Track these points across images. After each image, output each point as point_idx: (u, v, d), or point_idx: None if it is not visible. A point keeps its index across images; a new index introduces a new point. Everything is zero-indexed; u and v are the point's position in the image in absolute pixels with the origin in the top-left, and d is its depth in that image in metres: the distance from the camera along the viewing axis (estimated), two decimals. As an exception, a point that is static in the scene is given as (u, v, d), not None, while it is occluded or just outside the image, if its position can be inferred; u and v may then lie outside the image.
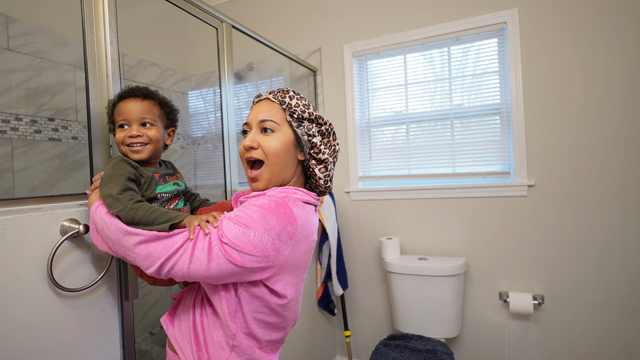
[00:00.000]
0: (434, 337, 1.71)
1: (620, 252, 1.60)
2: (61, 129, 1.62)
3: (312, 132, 0.79)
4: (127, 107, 0.83)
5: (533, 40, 1.71)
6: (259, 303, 0.74)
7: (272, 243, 0.68)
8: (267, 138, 0.78)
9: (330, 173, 0.83)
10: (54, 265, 0.77)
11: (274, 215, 0.69)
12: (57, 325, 0.77)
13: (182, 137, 2.33)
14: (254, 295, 0.73)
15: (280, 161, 0.78)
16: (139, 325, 1.80)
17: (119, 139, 0.83)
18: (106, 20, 0.88)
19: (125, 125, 0.83)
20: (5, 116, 1.43)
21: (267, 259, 0.68)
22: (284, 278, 0.74)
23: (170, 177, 0.91)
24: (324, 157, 0.81)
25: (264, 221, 0.68)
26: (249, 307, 0.73)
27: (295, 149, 0.80)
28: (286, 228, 0.69)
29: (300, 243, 0.73)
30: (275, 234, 0.68)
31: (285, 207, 0.71)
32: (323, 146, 0.80)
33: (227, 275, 0.68)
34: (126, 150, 0.83)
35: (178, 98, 2.31)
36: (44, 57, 1.55)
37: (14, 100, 1.46)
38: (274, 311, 0.76)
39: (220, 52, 1.39)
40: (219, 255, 0.66)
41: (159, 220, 0.72)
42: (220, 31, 1.39)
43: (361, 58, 2.09)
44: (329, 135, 0.82)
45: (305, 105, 0.80)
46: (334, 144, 0.83)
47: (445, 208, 1.90)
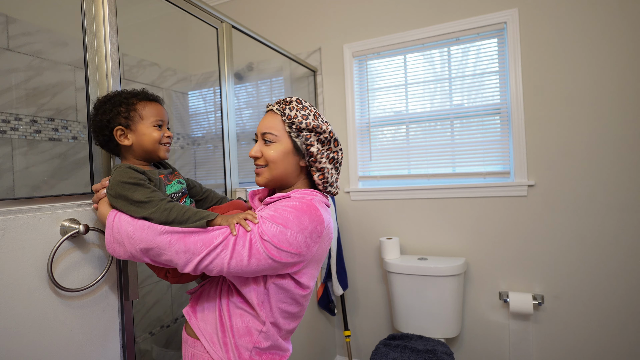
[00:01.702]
0: (434, 337, 1.71)
1: (620, 252, 1.60)
2: (61, 129, 1.62)
3: (309, 141, 0.84)
4: (161, 110, 0.89)
5: (533, 40, 1.71)
6: (284, 294, 0.83)
7: (304, 241, 0.76)
8: (268, 148, 0.86)
9: (330, 179, 0.88)
10: (54, 265, 0.77)
11: (307, 216, 0.77)
12: (57, 325, 0.77)
13: (182, 137, 2.33)
14: (281, 287, 0.81)
15: (279, 167, 0.86)
16: (139, 325, 1.80)
17: (156, 137, 0.86)
18: (106, 20, 0.88)
19: (161, 125, 0.88)
20: (5, 116, 1.43)
21: (300, 255, 0.77)
22: (309, 271, 0.84)
23: (172, 175, 0.93)
24: (320, 166, 0.86)
25: (299, 221, 0.76)
26: (275, 298, 0.82)
27: (295, 156, 0.87)
28: (317, 227, 0.78)
29: (325, 240, 0.82)
30: (308, 233, 0.77)
31: (315, 208, 0.79)
32: (320, 155, 0.85)
33: (264, 270, 0.76)
34: (160, 149, 0.88)
35: (178, 98, 2.31)
36: (44, 57, 1.55)
37: (14, 100, 1.46)
38: (296, 302, 0.85)
39: (220, 52, 1.39)
40: (260, 251, 0.73)
41: (194, 218, 0.75)
42: (220, 31, 1.39)
43: (361, 58, 2.09)
44: (329, 143, 0.86)
45: (304, 116, 0.85)
46: (335, 151, 0.88)
47: (445, 208, 1.90)
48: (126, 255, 0.76)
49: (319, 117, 0.88)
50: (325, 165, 0.86)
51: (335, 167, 0.89)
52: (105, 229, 0.76)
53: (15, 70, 1.45)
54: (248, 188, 1.42)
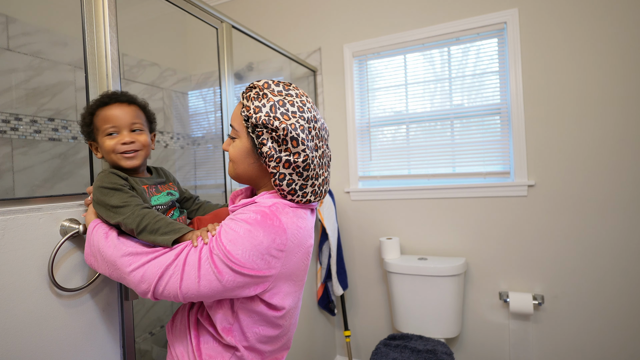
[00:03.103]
0: (434, 337, 1.71)
1: (620, 252, 1.60)
2: (61, 129, 1.62)
3: (262, 139, 0.70)
4: (115, 113, 0.79)
5: (533, 40, 1.71)
6: (257, 317, 0.72)
7: (261, 258, 0.65)
8: (232, 144, 0.77)
9: (289, 186, 0.71)
10: (55, 265, 0.77)
11: (261, 228, 0.65)
12: (57, 325, 0.77)
13: (182, 137, 2.33)
14: (251, 310, 0.71)
15: (240, 167, 0.76)
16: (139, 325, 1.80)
17: (108, 147, 0.78)
18: (106, 20, 0.88)
19: (115, 132, 0.79)
20: (5, 116, 1.43)
21: (257, 277, 0.66)
22: (281, 290, 0.71)
23: (163, 185, 0.89)
24: (273, 170, 0.70)
25: (251, 237, 0.64)
26: (247, 321, 0.72)
27: (254, 156, 0.74)
28: (275, 240, 0.66)
29: (294, 252, 0.70)
30: (263, 249, 0.65)
31: (272, 218, 0.67)
32: (269, 158, 0.70)
33: (218, 294, 0.65)
34: (118, 158, 0.80)
35: (178, 98, 2.31)
36: (44, 57, 1.55)
37: (14, 100, 1.46)
38: (272, 324, 0.74)
39: (220, 52, 1.39)
40: (209, 272, 0.64)
41: (164, 229, 0.69)
42: (220, 31, 1.39)
43: (361, 58, 2.09)
44: (285, 142, 0.68)
45: (257, 108, 0.70)
46: (295, 152, 0.69)
47: (445, 208, 1.90)
48: (101, 271, 0.72)
49: (279, 108, 0.70)
50: (278, 170, 0.70)
51: (296, 172, 0.71)
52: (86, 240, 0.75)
53: (15, 70, 1.45)
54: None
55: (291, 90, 0.75)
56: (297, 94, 0.75)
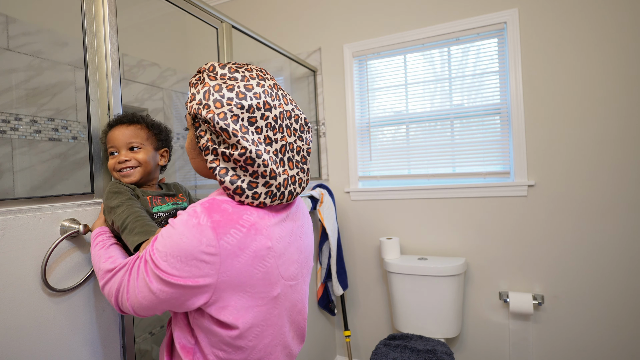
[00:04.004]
0: (434, 337, 1.71)
1: (620, 252, 1.60)
2: (61, 129, 1.61)
3: (199, 130, 0.63)
4: (114, 135, 0.86)
5: (533, 40, 1.71)
6: (214, 338, 0.62)
7: (188, 264, 0.56)
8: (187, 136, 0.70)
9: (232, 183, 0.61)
10: (53, 265, 0.77)
11: (186, 229, 0.57)
12: (57, 325, 0.77)
13: (182, 137, 2.32)
14: (205, 329, 0.61)
15: (192, 162, 0.72)
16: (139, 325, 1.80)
17: (110, 166, 0.87)
18: (106, 20, 0.88)
19: (115, 152, 0.86)
20: (5, 116, 1.43)
21: (189, 285, 0.56)
22: (228, 303, 0.59)
23: (170, 197, 0.92)
24: (210, 165, 0.62)
25: (175, 239, 0.57)
26: (205, 342, 0.62)
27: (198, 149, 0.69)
28: (201, 242, 0.56)
29: (232, 256, 0.58)
30: (188, 253, 0.56)
31: (199, 216, 0.58)
32: (205, 150, 0.62)
33: (157, 305, 0.59)
34: (118, 176, 0.87)
35: (178, 98, 2.31)
36: (44, 57, 1.55)
37: (14, 100, 1.46)
38: (231, 346, 0.62)
39: (220, 52, 1.39)
40: (143, 283, 0.58)
41: (137, 230, 0.71)
42: (220, 31, 1.39)
43: (361, 58, 2.09)
44: (218, 134, 0.61)
45: (192, 95, 0.63)
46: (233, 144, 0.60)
47: (445, 208, 1.90)
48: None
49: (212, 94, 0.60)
50: (216, 164, 0.62)
51: (239, 166, 0.61)
52: None
53: (15, 70, 1.45)
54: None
55: (239, 73, 0.64)
56: (246, 77, 0.63)
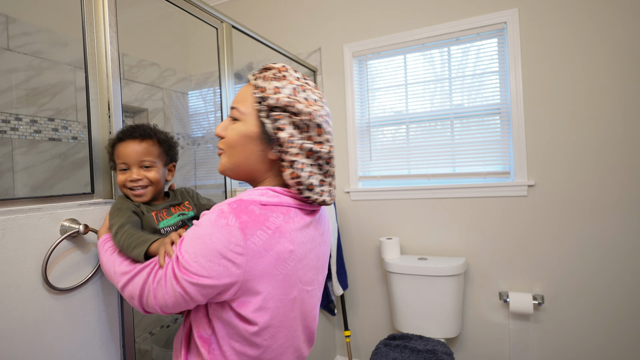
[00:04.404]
0: (434, 337, 1.71)
1: (620, 252, 1.60)
2: (61, 129, 1.62)
3: (280, 124, 0.63)
4: (126, 151, 0.82)
5: (533, 40, 1.71)
6: (232, 331, 0.63)
7: (217, 263, 0.58)
8: (231, 127, 0.68)
9: (306, 180, 0.64)
10: (53, 265, 0.77)
11: (215, 229, 0.58)
12: (57, 325, 0.77)
13: (182, 137, 2.33)
14: (225, 320, 0.63)
15: (236, 154, 0.68)
16: (139, 325, 1.80)
17: (120, 181, 0.84)
18: (106, 20, 0.88)
19: (126, 168, 0.83)
20: (5, 116, 1.43)
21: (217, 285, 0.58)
22: (250, 301, 0.61)
23: (176, 207, 0.90)
24: (291, 158, 0.63)
25: (204, 240, 0.58)
26: (223, 333, 0.63)
27: (261, 144, 0.67)
28: (230, 242, 0.58)
29: (258, 257, 0.60)
30: (217, 253, 0.57)
31: (227, 216, 0.59)
32: (289, 144, 0.63)
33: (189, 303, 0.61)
34: (128, 193, 0.84)
35: (178, 98, 2.31)
36: (44, 57, 1.55)
37: (14, 100, 1.46)
38: (248, 342, 0.63)
39: (220, 52, 1.39)
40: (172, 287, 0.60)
41: (134, 243, 0.71)
42: (220, 31, 1.39)
43: (361, 58, 2.09)
44: (307, 128, 0.63)
45: (276, 89, 0.63)
46: (318, 141, 0.64)
47: (445, 208, 1.90)
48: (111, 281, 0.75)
49: (300, 92, 0.64)
50: (298, 158, 0.63)
51: (317, 163, 0.65)
52: None
53: (15, 70, 1.45)
54: (248, 188, 1.42)
55: (309, 81, 0.69)
56: (315, 87, 0.70)
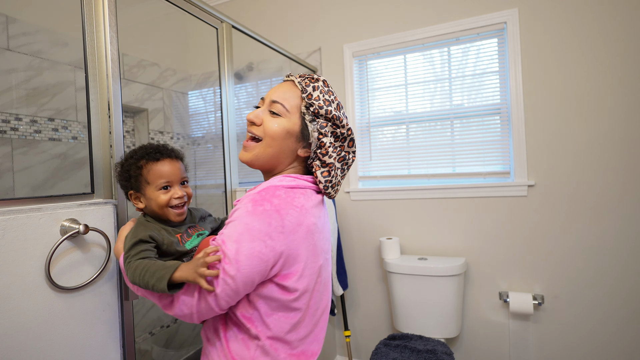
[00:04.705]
0: (434, 337, 1.71)
1: (620, 252, 1.60)
2: (61, 129, 1.62)
3: (324, 130, 0.75)
4: (169, 169, 0.83)
5: (533, 40, 1.71)
6: (274, 304, 0.72)
7: (265, 245, 0.66)
8: (271, 119, 0.76)
9: (334, 180, 0.79)
10: (53, 265, 0.77)
11: (255, 217, 0.67)
12: (57, 325, 0.77)
13: (182, 137, 2.33)
14: (266, 296, 0.71)
15: (275, 145, 0.76)
16: (139, 325, 1.80)
17: (163, 201, 0.81)
18: (106, 20, 0.88)
19: (168, 186, 0.82)
20: (5, 116, 1.43)
21: (267, 262, 0.67)
22: (290, 271, 0.71)
23: (192, 229, 0.89)
24: (329, 161, 0.77)
25: (249, 229, 0.66)
26: (265, 308, 0.72)
27: (296, 141, 0.77)
28: (272, 224, 0.67)
29: (294, 232, 0.70)
30: (264, 235, 0.66)
31: (262, 202, 0.69)
32: (332, 149, 0.76)
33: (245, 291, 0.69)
34: (169, 213, 0.82)
35: (178, 98, 2.31)
36: (44, 57, 1.55)
37: (14, 100, 1.46)
38: (290, 309, 0.73)
39: (220, 52, 1.39)
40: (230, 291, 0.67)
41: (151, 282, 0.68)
42: (220, 31, 1.39)
43: (361, 58, 2.09)
44: (344, 140, 0.78)
45: (327, 101, 0.76)
46: (347, 151, 0.79)
47: (445, 208, 1.90)
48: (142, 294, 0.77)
49: (341, 108, 0.78)
50: (334, 162, 0.77)
51: (342, 168, 0.79)
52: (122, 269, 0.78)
53: (15, 70, 1.45)
54: (247, 188, 1.42)
55: None
56: None
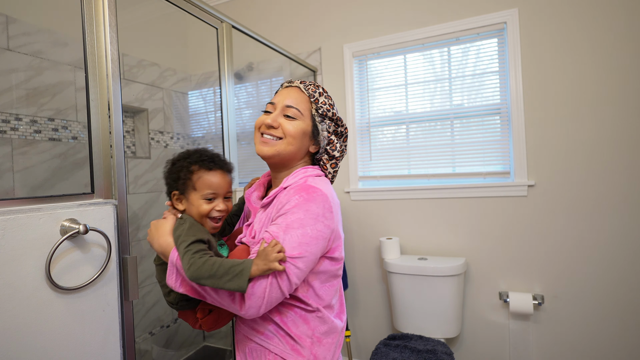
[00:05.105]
0: (434, 337, 1.71)
1: (620, 252, 1.60)
2: (61, 129, 1.61)
3: (331, 130, 0.90)
4: (219, 182, 0.85)
5: (533, 40, 1.71)
6: (324, 276, 0.83)
7: (324, 225, 0.78)
8: (288, 122, 0.86)
9: (336, 169, 0.95)
10: (53, 265, 0.77)
11: (312, 202, 0.78)
12: (57, 325, 0.77)
13: (182, 137, 2.33)
14: (318, 272, 0.82)
15: (295, 144, 0.86)
16: (139, 325, 1.80)
17: (204, 211, 0.83)
18: (106, 20, 0.88)
19: (214, 198, 0.84)
20: (5, 116, 1.43)
21: (327, 239, 0.79)
22: (336, 243, 0.84)
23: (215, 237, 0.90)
24: (337, 155, 0.92)
25: (310, 213, 0.76)
26: (317, 282, 0.82)
27: (309, 139, 0.89)
28: (325, 206, 0.79)
29: (337, 211, 0.84)
30: (322, 217, 0.78)
31: (314, 189, 0.80)
32: (339, 145, 0.92)
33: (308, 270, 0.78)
34: (207, 223, 0.85)
35: (178, 98, 2.31)
36: (44, 57, 1.55)
37: (14, 100, 1.46)
38: (335, 276, 0.86)
39: (220, 52, 1.39)
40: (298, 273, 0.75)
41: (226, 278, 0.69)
42: (220, 31, 1.39)
43: (361, 58, 2.09)
44: (341, 136, 0.93)
45: (330, 105, 0.90)
46: (344, 146, 0.95)
47: (445, 208, 1.90)
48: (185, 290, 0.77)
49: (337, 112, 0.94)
50: (340, 155, 0.93)
51: (339, 160, 0.96)
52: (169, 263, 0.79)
53: (15, 70, 1.45)
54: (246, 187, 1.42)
55: None
56: None
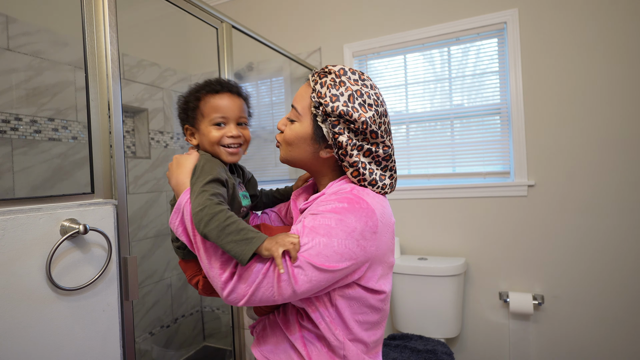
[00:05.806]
0: (434, 337, 1.71)
1: (620, 252, 1.60)
2: (61, 129, 1.61)
3: (338, 129, 0.69)
4: (227, 104, 0.75)
5: (533, 40, 1.71)
6: (357, 304, 0.70)
7: (357, 244, 0.64)
8: (289, 127, 0.74)
9: (369, 176, 0.72)
10: (53, 265, 0.77)
11: (351, 214, 0.64)
12: (56, 325, 0.77)
13: (182, 137, 2.32)
14: (350, 297, 0.69)
15: (293, 151, 0.74)
16: (139, 325, 1.80)
17: (214, 138, 0.74)
18: (106, 20, 0.88)
19: (222, 123, 0.75)
20: (5, 116, 1.43)
21: (357, 263, 0.65)
22: (375, 272, 0.69)
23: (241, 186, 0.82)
24: (352, 160, 0.70)
25: (344, 225, 0.63)
26: (348, 311, 0.70)
27: (312, 144, 0.73)
28: (367, 224, 0.65)
29: (384, 233, 0.68)
30: (358, 234, 0.64)
31: (359, 201, 0.66)
32: (351, 147, 0.69)
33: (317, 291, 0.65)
34: (220, 152, 0.75)
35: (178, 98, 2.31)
36: (44, 57, 1.55)
37: (14, 100, 1.46)
38: (373, 308, 0.72)
39: (220, 52, 1.39)
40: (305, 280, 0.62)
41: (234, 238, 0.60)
42: (220, 31, 1.39)
43: (361, 58, 2.09)
44: (363, 133, 0.69)
45: (333, 97, 0.68)
46: (374, 143, 0.71)
47: (445, 208, 1.90)
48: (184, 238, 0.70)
49: (357, 98, 0.68)
50: (359, 158, 0.70)
51: (375, 161, 0.72)
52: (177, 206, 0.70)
53: (15, 70, 1.45)
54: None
55: (366, 81, 0.72)
56: (372, 85, 0.73)
